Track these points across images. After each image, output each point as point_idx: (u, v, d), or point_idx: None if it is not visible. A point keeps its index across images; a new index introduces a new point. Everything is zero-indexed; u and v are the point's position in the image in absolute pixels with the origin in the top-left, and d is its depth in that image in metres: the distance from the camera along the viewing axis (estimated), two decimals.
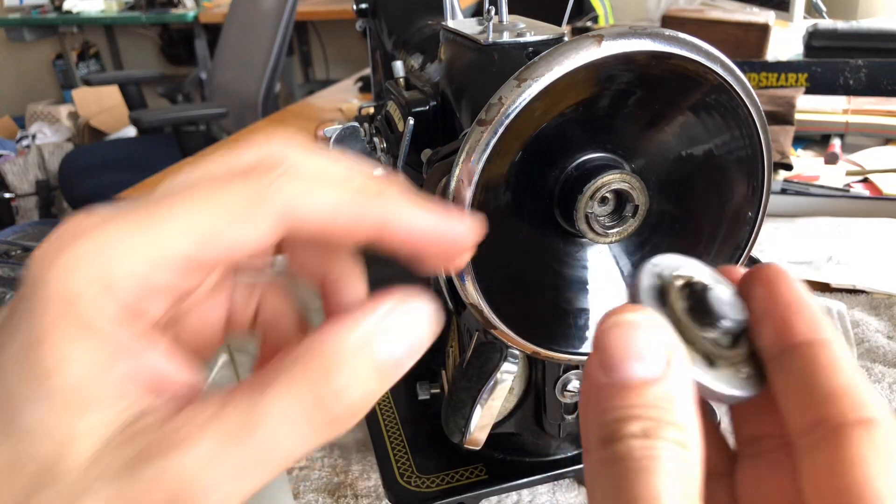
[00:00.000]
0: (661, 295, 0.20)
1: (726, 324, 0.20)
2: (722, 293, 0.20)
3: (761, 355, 0.20)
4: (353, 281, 0.24)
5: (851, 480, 0.16)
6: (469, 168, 0.27)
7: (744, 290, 0.21)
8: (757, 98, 0.29)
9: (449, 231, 0.21)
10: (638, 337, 0.17)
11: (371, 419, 0.49)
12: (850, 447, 0.17)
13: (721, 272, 0.22)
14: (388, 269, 0.74)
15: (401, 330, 0.19)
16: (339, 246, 0.24)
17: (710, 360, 0.19)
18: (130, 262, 0.18)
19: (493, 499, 0.46)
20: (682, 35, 0.27)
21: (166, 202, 0.19)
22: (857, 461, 0.16)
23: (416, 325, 0.20)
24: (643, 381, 0.17)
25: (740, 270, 0.22)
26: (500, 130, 0.26)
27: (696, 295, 0.20)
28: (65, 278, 0.17)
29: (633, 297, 0.20)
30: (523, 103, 0.26)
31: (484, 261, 0.29)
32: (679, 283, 0.20)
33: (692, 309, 0.20)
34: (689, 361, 0.19)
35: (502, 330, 0.31)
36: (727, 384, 0.19)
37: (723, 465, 0.21)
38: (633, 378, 0.17)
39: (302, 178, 0.19)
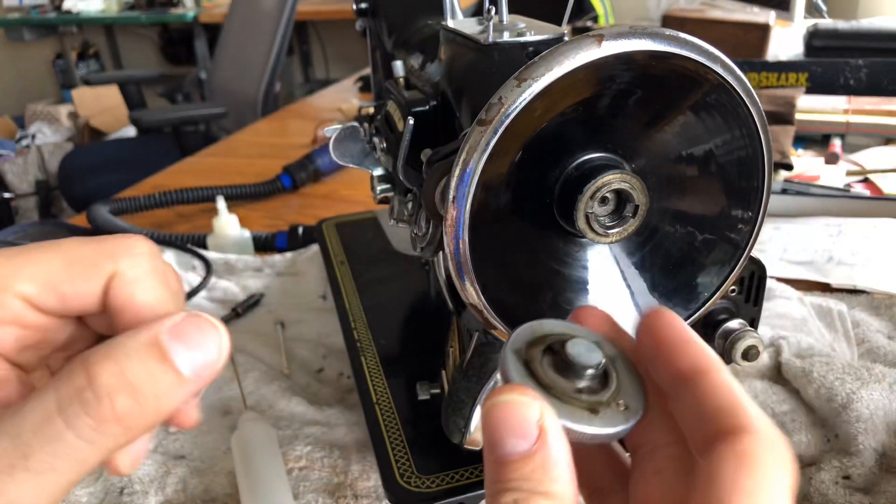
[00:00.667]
0: (528, 367, 0.22)
1: (589, 371, 0.22)
2: (576, 345, 0.22)
3: (637, 373, 0.23)
4: None
5: (718, 481, 0.19)
6: (469, 168, 0.27)
7: (638, 337, 0.23)
8: (757, 98, 0.29)
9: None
10: (510, 416, 0.19)
11: (371, 419, 0.49)
12: (719, 456, 0.19)
13: (583, 317, 0.25)
14: (387, 268, 0.74)
15: (193, 336, 0.20)
16: None
17: (590, 408, 0.21)
18: None
19: None
20: (682, 35, 0.27)
21: (27, 250, 0.22)
22: (725, 469, 0.19)
23: (207, 336, 0.21)
24: (518, 457, 0.19)
25: (594, 312, 0.25)
26: (500, 130, 0.26)
27: (556, 355, 0.22)
28: None
29: (507, 377, 0.22)
30: (523, 103, 0.26)
31: (484, 261, 0.29)
32: (538, 351, 0.22)
33: (557, 368, 0.22)
34: (569, 419, 0.21)
35: (502, 330, 0.31)
36: (610, 424, 0.21)
37: (614, 482, 0.24)
38: (508, 455, 0.19)
39: (140, 266, 0.22)
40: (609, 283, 0.33)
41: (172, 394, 0.19)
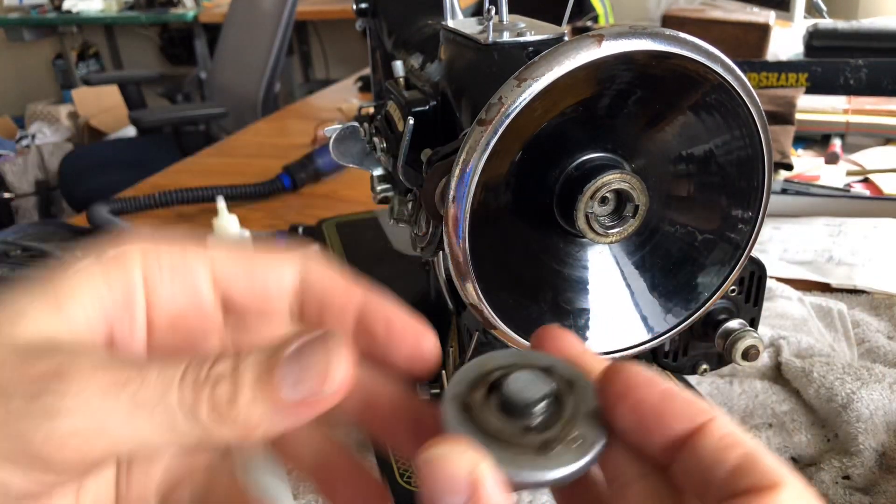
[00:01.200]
0: (470, 411, 0.20)
1: (536, 407, 0.20)
2: (517, 379, 0.20)
3: (593, 395, 0.20)
4: None
5: None
6: (469, 168, 0.27)
7: (607, 403, 0.20)
8: (757, 98, 0.29)
9: None
10: (442, 472, 0.18)
11: None
12: None
13: (543, 338, 0.23)
14: (387, 268, 0.74)
15: (303, 369, 0.19)
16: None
17: (538, 447, 0.19)
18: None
19: None
20: (682, 35, 0.27)
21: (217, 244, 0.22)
22: None
23: (323, 368, 0.19)
24: None
25: (553, 333, 0.23)
26: (501, 130, 0.26)
27: (497, 395, 0.20)
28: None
29: (444, 428, 0.20)
30: (523, 103, 0.26)
31: (484, 261, 0.29)
32: (479, 393, 0.20)
33: (501, 408, 0.20)
34: (511, 466, 0.19)
35: (502, 330, 0.31)
36: (560, 465, 0.19)
37: None
38: None
39: (317, 264, 0.23)
40: (609, 283, 0.33)
41: (263, 423, 0.19)
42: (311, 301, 0.23)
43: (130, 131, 2.75)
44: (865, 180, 0.86)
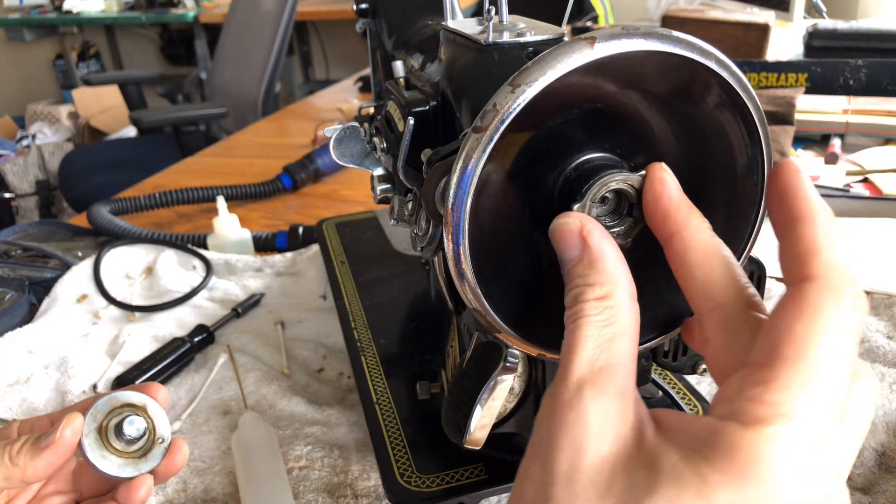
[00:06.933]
0: (103, 433, 0.37)
1: (140, 437, 0.38)
2: (131, 422, 0.37)
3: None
4: None
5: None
6: (467, 173, 0.27)
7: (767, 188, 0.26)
8: (757, 98, 0.29)
9: None
10: (562, 229, 0.28)
11: (371, 419, 0.49)
12: (782, 305, 0.21)
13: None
14: (387, 268, 0.74)
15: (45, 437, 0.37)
16: None
17: (140, 455, 0.38)
18: None
19: (493, 499, 0.46)
20: (675, 33, 0.27)
21: None
22: (783, 317, 0.21)
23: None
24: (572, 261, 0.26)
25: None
26: (496, 137, 0.26)
27: (119, 427, 0.37)
28: None
29: (84, 452, 0.36)
30: (518, 108, 0.26)
31: (484, 262, 0.29)
32: (111, 419, 0.38)
33: (118, 434, 0.37)
34: (119, 470, 0.37)
35: (505, 332, 0.31)
36: (153, 460, 0.38)
37: None
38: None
39: None
40: None
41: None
42: None
43: (130, 131, 2.75)
44: (865, 180, 0.86)
